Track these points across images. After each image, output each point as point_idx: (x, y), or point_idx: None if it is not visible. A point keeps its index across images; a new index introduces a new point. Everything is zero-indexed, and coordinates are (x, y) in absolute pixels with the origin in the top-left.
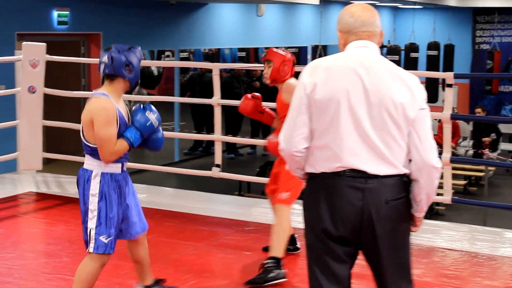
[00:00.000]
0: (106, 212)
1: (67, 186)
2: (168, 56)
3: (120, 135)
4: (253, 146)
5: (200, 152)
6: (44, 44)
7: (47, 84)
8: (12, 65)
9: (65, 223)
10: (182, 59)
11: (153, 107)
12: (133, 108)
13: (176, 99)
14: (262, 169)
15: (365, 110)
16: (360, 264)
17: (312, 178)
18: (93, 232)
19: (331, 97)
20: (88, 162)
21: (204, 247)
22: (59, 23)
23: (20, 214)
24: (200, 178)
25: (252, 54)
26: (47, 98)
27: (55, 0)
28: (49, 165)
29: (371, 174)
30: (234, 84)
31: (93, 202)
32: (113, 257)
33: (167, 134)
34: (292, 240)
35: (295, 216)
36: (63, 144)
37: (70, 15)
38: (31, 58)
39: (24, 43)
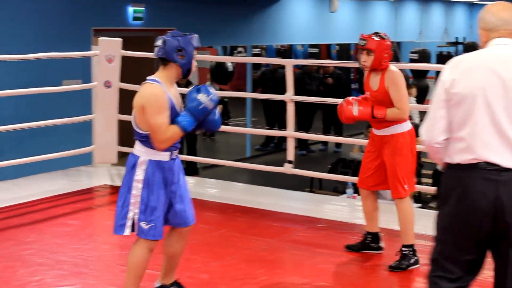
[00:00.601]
0: (148, 199)
1: None
2: (240, 52)
3: (172, 121)
4: (324, 143)
5: (271, 148)
6: (120, 39)
7: (123, 79)
8: (88, 60)
9: None
10: (254, 55)
11: (209, 88)
12: (188, 91)
13: (249, 94)
14: (333, 166)
15: (502, 106)
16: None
17: (449, 168)
18: (136, 217)
19: (468, 92)
20: (137, 148)
21: (276, 243)
22: (135, 18)
23: (95, 207)
24: (271, 174)
25: (324, 51)
26: (122, 92)
27: None
28: (123, 159)
29: (504, 167)
30: (306, 81)
31: (137, 188)
32: (185, 250)
33: (239, 130)
34: (375, 239)
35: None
36: None
37: (145, 11)
38: (107, 53)
39: (100, 38)
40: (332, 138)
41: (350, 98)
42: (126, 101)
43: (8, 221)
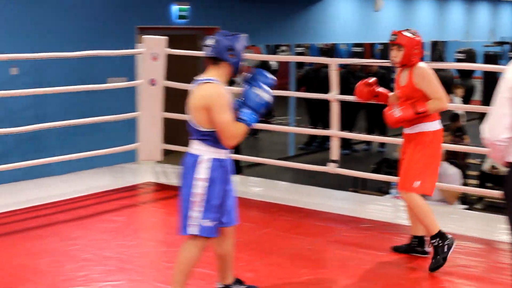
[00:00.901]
0: (212, 197)
1: None
2: (283, 50)
3: (235, 118)
4: (368, 143)
5: (314, 147)
6: (165, 37)
7: (167, 77)
8: (133, 58)
9: None
10: (298, 54)
11: (265, 73)
12: (243, 87)
13: (292, 93)
14: (377, 166)
15: None
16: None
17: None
18: (198, 215)
19: None
20: (197, 147)
21: (320, 243)
22: (179, 17)
23: (140, 204)
24: (314, 173)
25: (368, 50)
26: (166, 90)
27: None
28: (167, 156)
29: None
30: (350, 80)
31: (200, 187)
32: None
33: (283, 128)
34: (421, 243)
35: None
36: (181, 136)
37: (190, 9)
38: (152, 51)
39: (145, 36)
40: (376, 138)
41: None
42: (170, 99)
43: (55, 217)
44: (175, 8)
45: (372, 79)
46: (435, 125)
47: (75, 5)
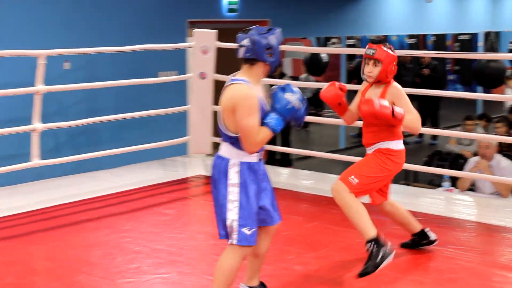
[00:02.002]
0: (247, 203)
1: None
2: (334, 43)
3: (262, 122)
4: (420, 135)
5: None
6: (215, 31)
7: (217, 70)
8: (183, 52)
9: None
10: (349, 46)
11: (294, 88)
12: (272, 90)
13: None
14: (429, 158)
15: None
16: None
17: None
18: (235, 224)
19: None
20: (226, 150)
21: None
22: (229, 10)
23: (190, 196)
24: None
25: (420, 41)
26: (216, 83)
27: None
28: (217, 149)
29: None
30: (401, 72)
31: (233, 193)
32: (279, 241)
33: (333, 121)
34: (423, 236)
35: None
36: None
37: (239, 3)
38: (202, 45)
39: (195, 30)
40: (428, 130)
41: (337, 84)
42: (220, 92)
43: (106, 210)
44: (225, 2)
45: (344, 86)
46: (401, 145)
47: (127, 0)
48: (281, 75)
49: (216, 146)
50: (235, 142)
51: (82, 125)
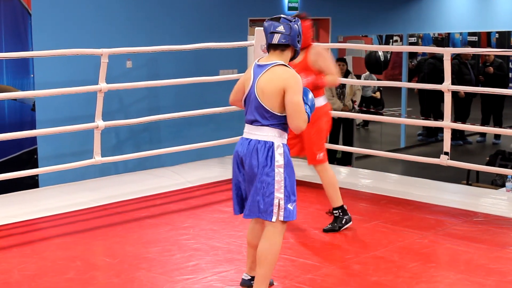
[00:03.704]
0: (291, 181)
1: (294, 168)
2: (396, 41)
3: None
4: (483, 134)
5: (434, 139)
6: None
7: None
8: (244, 50)
9: None
10: (411, 44)
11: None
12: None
13: (404, 84)
14: (492, 158)
15: None
16: None
17: None
18: (282, 202)
19: None
20: (268, 133)
21: (430, 236)
22: (290, 8)
23: None
24: (425, 165)
25: (483, 39)
26: None
27: None
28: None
29: None
30: (463, 70)
31: (279, 173)
32: (337, 240)
33: (394, 120)
34: (343, 211)
35: None
36: None
37: (300, 1)
38: (262, 43)
39: (256, 28)
40: (490, 129)
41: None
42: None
43: (167, 207)
44: (286, 0)
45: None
46: (325, 100)
47: None
48: (347, 74)
49: None
50: (278, 124)
51: (144, 123)
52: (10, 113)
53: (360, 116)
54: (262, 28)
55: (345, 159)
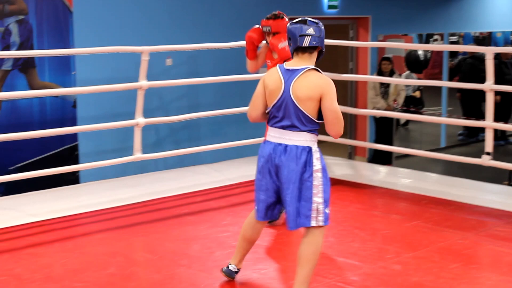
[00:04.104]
0: (327, 185)
1: (334, 167)
2: (436, 40)
3: None
4: None
5: (464, 138)
6: None
7: (316, 67)
8: None
9: (332, 204)
10: (451, 43)
11: None
12: None
13: (444, 83)
14: None
15: None
16: None
17: None
18: (321, 207)
19: None
20: (305, 138)
21: (472, 237)
22: (329, 7)
23: None
24: (466, 165)
25: None
26: None
27: None
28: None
29: None
30: (503, 70)
31: (317, 178)
32: (378, 240)
33: (434, 119)
34: None
35: None
36: None
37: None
38: None
39: None
40: None
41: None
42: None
43: (207, 204)
44: None
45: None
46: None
47: None
48: (391, 73)
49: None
50: (313, 129)
51: (183, 120)
52: (52, 110)
53: (400, 116)
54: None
55: (384, 158)
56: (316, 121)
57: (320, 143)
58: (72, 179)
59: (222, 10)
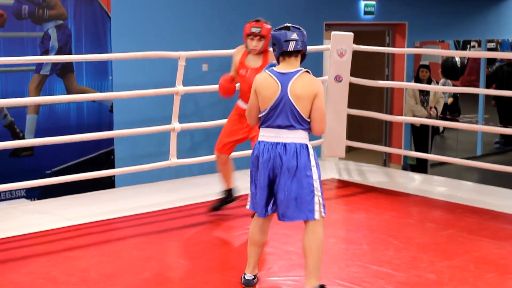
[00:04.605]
0: (320, 179)
1: (368, 174)
2: (473, 46)
3: None
4: None
5: (500, 146)
6: (352, 33)
7: (352, 73)
8: (320, 54)
9: (366, 211)
10: (489, 49)
11: None
12: None
13: (481, 90)
14: None
15: None
16: None
17: None
18: (321, 200)
19: None
20: (301, 136)
21: (508, 247)
22: (366, 13)
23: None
24: (502, 174)
25: None
26: (351, 86)
27: None
28: (350, 153)
29: None
30: None
31: (315, 172)
32: (412, 248)
33: (470, 127)
34: (230, 194)
35: None
36: (364, 133)
37: (376, 5)
38: (338, 48)
39: (333, 32)
40: None
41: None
42: (354, 95)
43: (240, 210)
44: (362, 4)
45: (228, 75)
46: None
47: (267, 2)
48: (429, 81)
49: (348, 149)
50: (307, 128)
51: (218, 126)
52: (89, 114)
53: (438, 123)
54: (338, 32)
55: (419, 166)
56: (307, 119)
57: (355, 150)
58: (108, 183)
59: (257, 16)
